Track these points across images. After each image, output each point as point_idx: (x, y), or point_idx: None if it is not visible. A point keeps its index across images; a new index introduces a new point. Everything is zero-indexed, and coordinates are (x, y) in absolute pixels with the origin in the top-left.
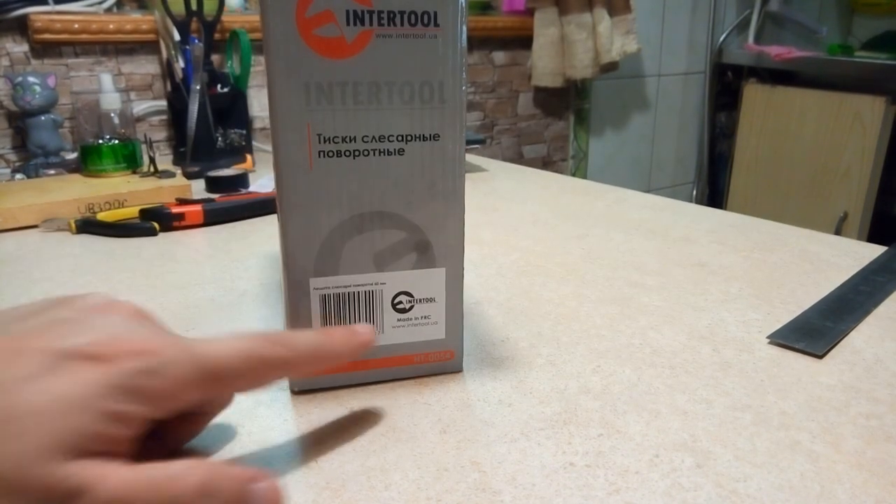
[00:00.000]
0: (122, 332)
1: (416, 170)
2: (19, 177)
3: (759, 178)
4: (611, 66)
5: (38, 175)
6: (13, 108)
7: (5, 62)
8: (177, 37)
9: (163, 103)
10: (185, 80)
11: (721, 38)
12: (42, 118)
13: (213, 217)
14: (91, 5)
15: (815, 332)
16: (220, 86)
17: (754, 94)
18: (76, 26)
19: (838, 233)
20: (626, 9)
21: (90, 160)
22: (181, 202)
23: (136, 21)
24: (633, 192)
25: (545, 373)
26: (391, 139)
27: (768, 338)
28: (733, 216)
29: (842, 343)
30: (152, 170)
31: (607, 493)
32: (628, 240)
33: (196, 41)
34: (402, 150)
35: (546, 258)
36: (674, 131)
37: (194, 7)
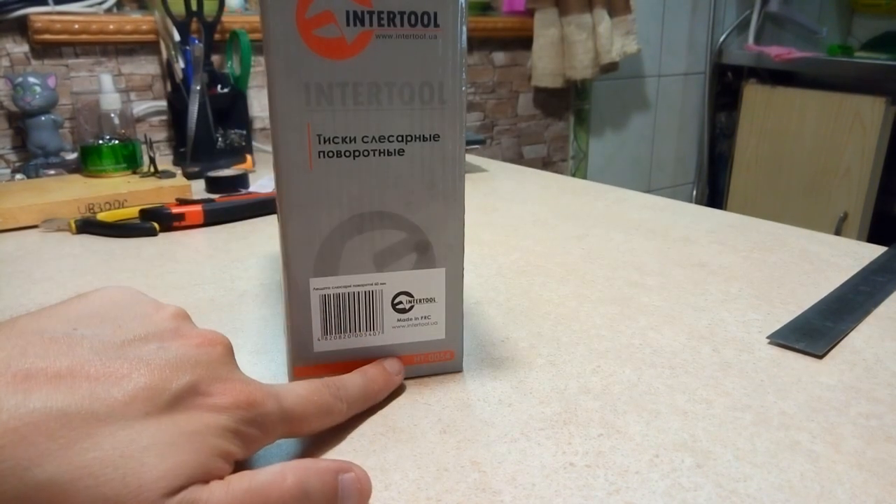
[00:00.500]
0: (225, 374)
1: (416, 170)
2: (19, 177)
3: (758, 179)
4: (611, 67)
5: (38, 175)
6: (13, 108)
7: (5, 63)
8: (177, 37)
9: (163, 104)
10: (186, 80)
11: (721, 39)
12: (42, 118)
13: (213, 217)
14: (91, 6)
15: (815, 332)
16: (220, 86)
17: (754, 95)
18: (76, 27)
19: (838, 233)
20: (626, 9)
21: (90, 160)
22: (181, 202)
23: (136, 21)
24: (633, 193)
25: (545, 373)
26: (391, 139)
27: (768, 338)
28: (733, 216)
29: (842, 343)
30: (152, 170)
31: (607, 493)
32: (628, 240)
33: (196, 41)
34: (402, 151)
35: (546, 258)
36: (674, 131)
37: (194, 7)
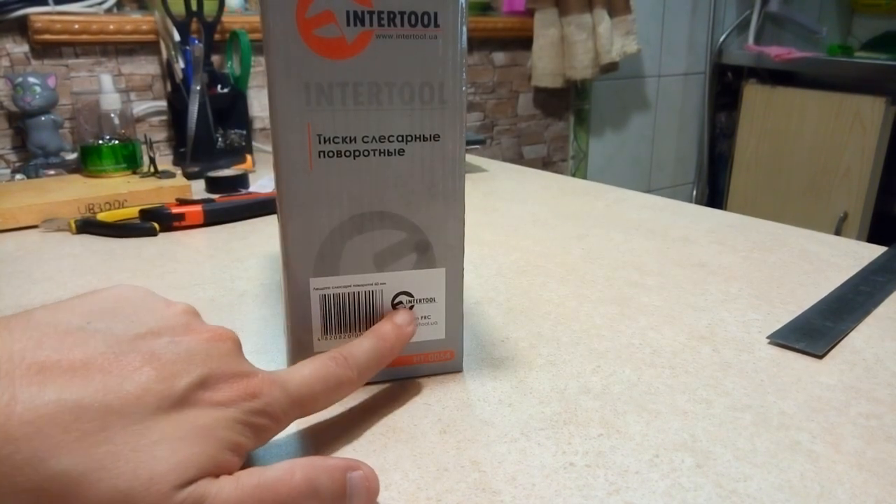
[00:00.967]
0: (233, 368)
1: (416, 170)
2: (19, 177)
3: (758, 179)
4: (611, 67)
5: (38, 175)
6: (13, 108)
7: (5, 63)
8: (177, 37)
9: (163, 104)
10: (186, 80)
11: (721, 39)
12: (42, 119)
13: (213, 217)
14: (91, 6)
15: (815, 332)
16: (220, 86)
17: (754, 95)
18: (76, 27)
19: (838, 233)
20: (626, 9)
21: (90, 160)
22: (181, 202)
23: (136, 22)
24: (633, 193)
25: (545, 373)
26: (391, 139)
27: (768, 338)
28: (733, 216)
29: (842, 343)
30: (152, 170)
31: (607, 493)
32: (628, 240)
33: (196, 42)
34: (402, 151)
35: (546, 258)
36: (674, 131)
37: (194, 7)
